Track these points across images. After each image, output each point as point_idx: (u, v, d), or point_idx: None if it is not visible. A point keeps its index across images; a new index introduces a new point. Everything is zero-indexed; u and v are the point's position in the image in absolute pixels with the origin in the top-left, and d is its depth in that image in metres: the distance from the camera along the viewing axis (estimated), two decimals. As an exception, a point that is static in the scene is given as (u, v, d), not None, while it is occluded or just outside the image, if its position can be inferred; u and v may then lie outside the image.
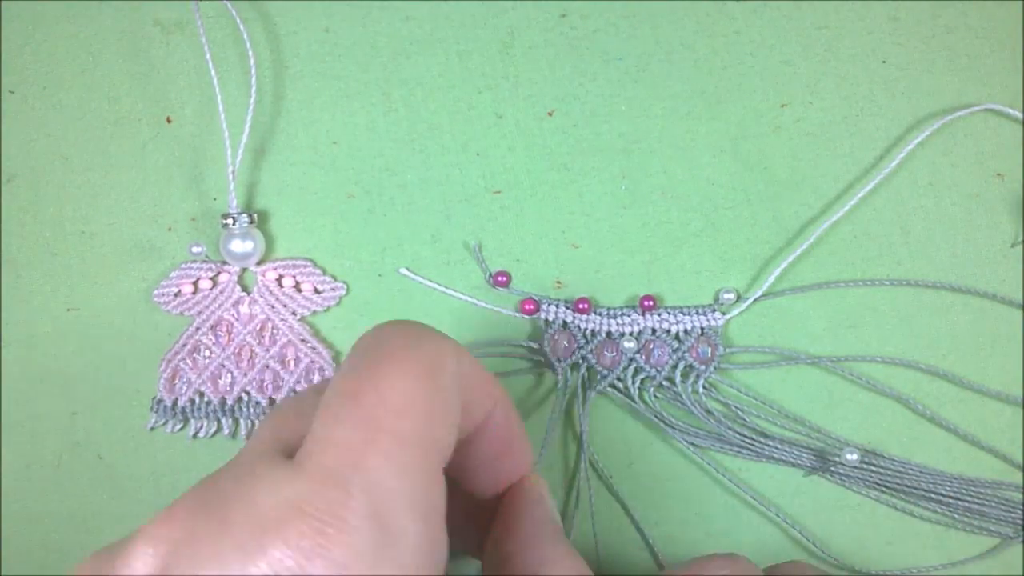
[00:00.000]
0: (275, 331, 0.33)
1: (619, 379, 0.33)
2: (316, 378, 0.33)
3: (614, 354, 0.33)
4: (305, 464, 0.21)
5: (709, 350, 0.33)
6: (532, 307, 0.33)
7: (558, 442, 0.33)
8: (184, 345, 0.33)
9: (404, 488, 0.21)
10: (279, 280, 0.34)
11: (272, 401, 0.33)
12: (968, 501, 0.32)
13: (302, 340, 0.33)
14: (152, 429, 0.33)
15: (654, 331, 0.33)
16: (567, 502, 0.33)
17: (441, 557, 0.21)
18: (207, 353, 0.33)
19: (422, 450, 0.22)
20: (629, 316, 0.33)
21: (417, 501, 0.21)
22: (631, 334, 0.33)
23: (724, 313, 0.33)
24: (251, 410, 0.33)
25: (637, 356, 0.33)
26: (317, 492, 0.20)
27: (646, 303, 0.33)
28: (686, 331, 0.33)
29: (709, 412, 0.32)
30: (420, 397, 0.22)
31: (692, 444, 0.33)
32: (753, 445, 0.32)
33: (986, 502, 0.32)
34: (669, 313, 0.33)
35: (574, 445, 0.33)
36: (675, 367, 0.33)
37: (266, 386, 0.33)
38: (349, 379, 0.22)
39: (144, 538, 0.21)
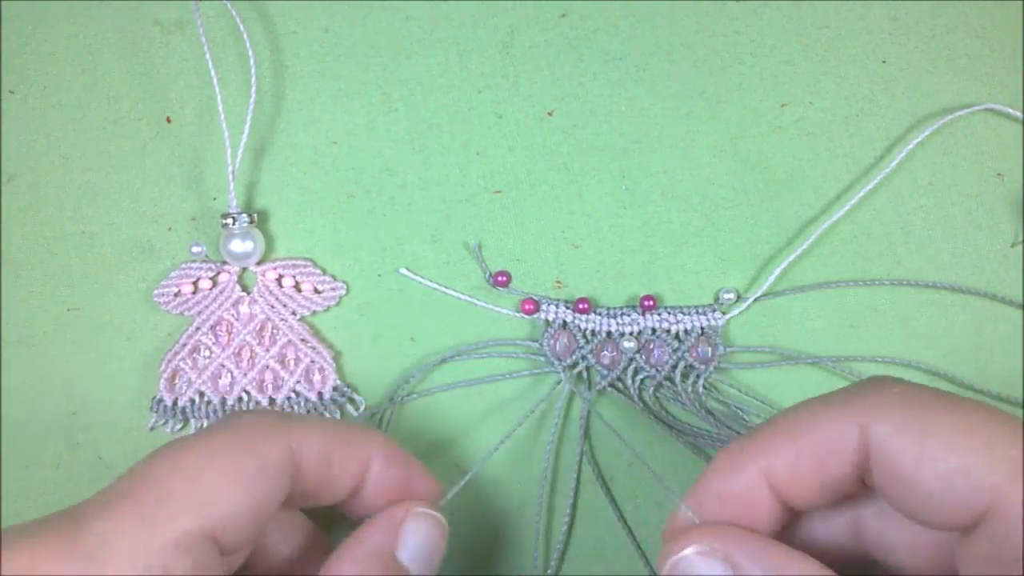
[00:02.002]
0: (275, 331, 0.33)
1: (619, 379, 0.33)
2: (316, 378, 0.33)
3: (614, 354, 0.33)
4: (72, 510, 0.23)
5: (709, 350, 0.33)
6: (532, 307, 0.33)
7: (558, 443, 0.33)
8: (184, 345, 0.33)
9: (144, 545, 0.22)
10: (279, 280, 0.34)
11: (272, 401, 0.33)
12: (968, 501, 0.32)
13: (302, 340, 0.33)
14: (152, 429, 0.33)
15: (654, 331, 0.33)
16: (570, 503, 0.33)
17: None
18: (207, 353, 0.33)
19: (185, 517, 0.22)
20: (629, 316, 0.33)
21: (149, 561, 0.22)
22: (631, 334, 0.33)
23: (724, 313, 0.33)
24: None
25: (637, 356, 0.33)
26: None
27: (646, 303, 0.33)
28: (686, 331, 0.33)
29: (709, 412, 0.32)
30: (211, 477, 0.23)
31: (692, 444, 0.33)
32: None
33: (986, 502, 0.32)
34: (669, 313, 0.33)
35: (574, 445, 0.33)
36: (675, 367, 0.33)
37: (266, 386, 0.33)
38: (170, 445, 0.24)
39: None
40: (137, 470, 0.24)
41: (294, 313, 0.33)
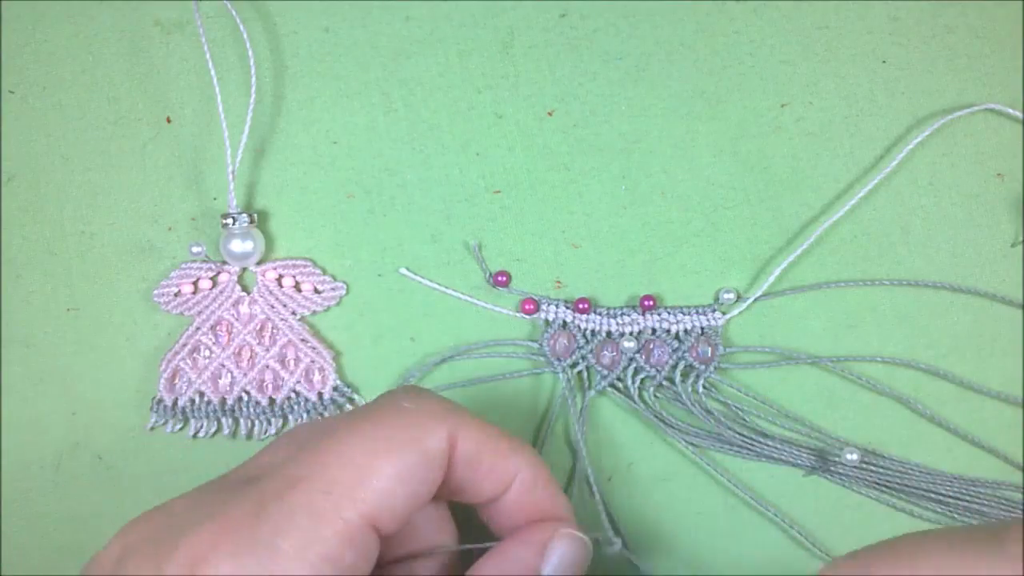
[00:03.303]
0: (275, 331, 0.33)
1: (619, 379, 0.33)
2: (316, 378, 0.33)
3: (614, 354, 0.33)
4: (246, 487, 0.24)
5: (709, 350, 0.33)
6: (532, 307, 0.33)
7: (558, 443, 0.33)
8: (184, 345, 0.33)
9: (313, 535, 0.23)
10: (279, 280, 0.34)
11: (272, 401, 0.33)
12: (968, 501, 0.32)
13: (302, 340, 0.33)
14: (152, 429, 0.33)
15: (654, 331, 0.33)
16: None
17: None
18: (207, 353, 0.33)
19: (352, 508, 0.23)
20: (629, 316, 0.33)
21: (319, 551, 0.22)
22: (631, 334, 0.33)
23: (724, 313, 0.33)
24: (251, 410, 0.33)
25: (637, 356, 0.33)
26: (235, 507, 0.23)
27: (646, 303, 0.33)
28: (686, 331, 0.33)
29: (709, 412, 0.32)
30: (378, 465, 0.24)
31: (692, 444, 0.33)
32: (753, 445, 0.32)
33: (986, 502, 0.32)
34: (669, 313, 0.33)
35: (573, 446, 0.33)
36: (675, 367, 0.33)
37: (266, 386, 0.33)
38: (335, 422, 0.25)
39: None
40: (305, 456, 0.24)
41: (294, 313, 0.33)
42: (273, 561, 0.22)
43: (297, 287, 0.33)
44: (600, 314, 0.33)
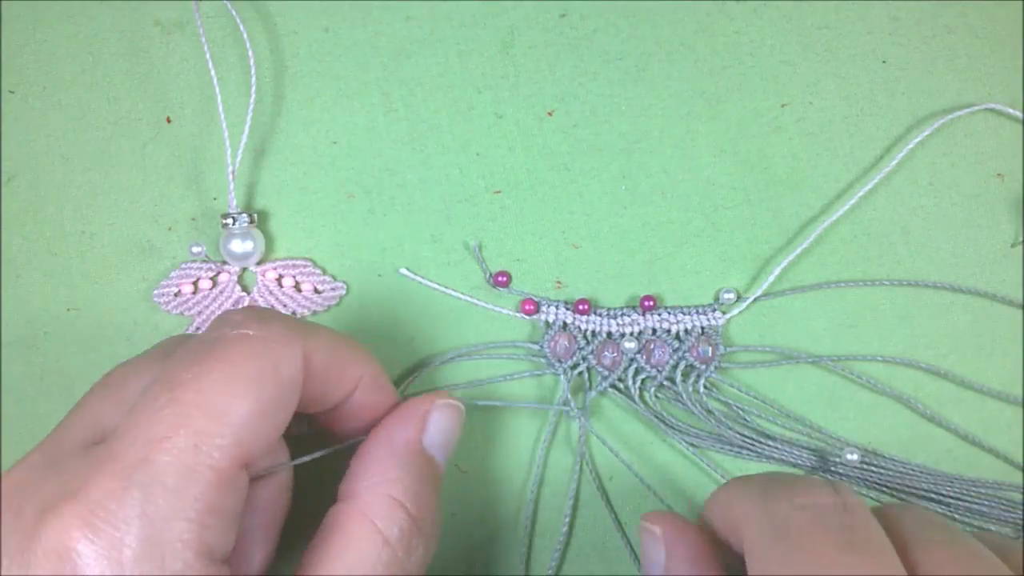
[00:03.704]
0: (275, 331, 0.33)
1: (620, 380, 0.33)
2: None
3: (614, 355, 0.33)
4: (99, 453, 0.22)
5: (710, 350, 0.33)
6: (532, 307, 0.33)
7: (559, 444, 0.33)
8: (184, 345, 0.33)
9: (188, 494, 0.21)
10: (279, 280, 0.34)
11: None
12: (968, 501, 0.32)
13: (302, 340, 0.33)
14: (152, 429, 0.33)
15: (654, 331, 0.33)
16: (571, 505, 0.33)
17: (219, 549, 0.22)
18: (207, 353, 0.33)
19: (226, 458, 0.22)
20: (629, 316, 0.33)
21: (201, 507, 0.21)
22: (631, 334, 0.33)
23: (724, 313, 0.33)
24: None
25: (638, 356, 0.33)
26: (95, 483, 0.21)
27: (646, 303, 0.33)
28: (686, 331, 0.33)
29: (710, 412, 0.32)
30: (243, 404, 0.23)
31: (692, 444, 0.33)
32: (753, 445, 0.32)
33: (986, 502, 0.32)
34: (669, 313, 0.33)
35: (573, 447, 0.33)
36: (676, 367, 0.33)
37: (266, 386, 0.33)
38: (179, 367, 0.23)
39: None
40: (161, 407, 0.22)
41: (294, 313, 0.33)
42: (151, 534, 0.21)
43: (297, 287, 0.33)
44: (600, 315, 0.33)
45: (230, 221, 0.33)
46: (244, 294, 0.33)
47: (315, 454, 0.27)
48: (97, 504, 0.21)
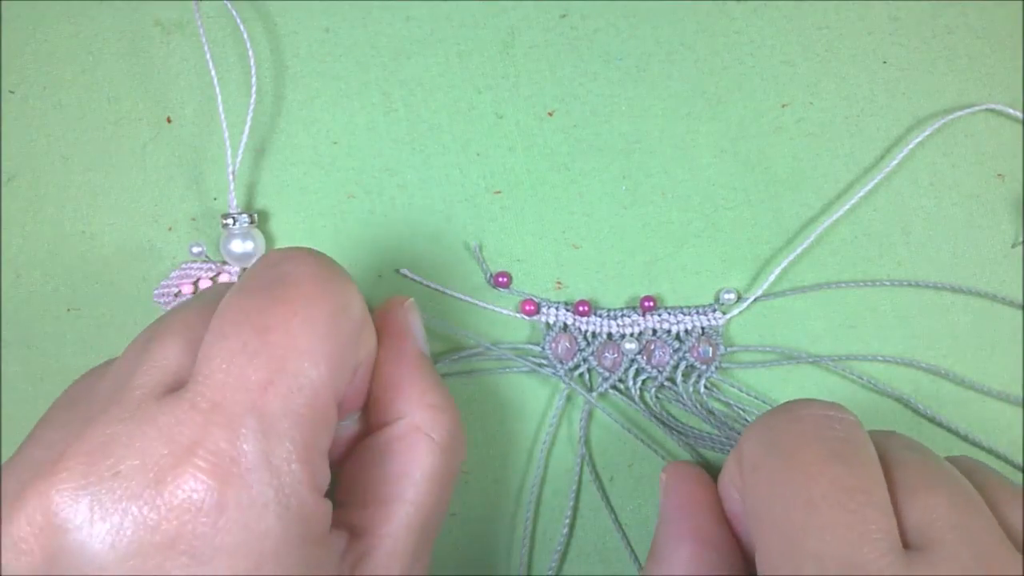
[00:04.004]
0: (275, 331, 0.33)
1: (620, 381, 0.33)
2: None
3: (615, 355, 0.33)
4: (198, 403, 0.21)
5: (710, 350, 0.33)
6: (532, 308, 0.33)
7: (560, 444, 0.33)
8: (184, 345, 0.33)
9: (297, 436, 0.21)
10: (279, 280, 0.33)
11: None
12: (968, 501, 0.32)
13: (302, 340, 0.33)
14: (152, 429, 0.33)
15: (655, 332, 0.33)
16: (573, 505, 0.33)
17: (323, 484, 0.22)
18: (207, 353, 0.33)
19: (321, 397, 0.22)
20: (630, 317, 0.33)
21: (308, 446, 0.22)
22: (632, 335, 0.33)
23: (725, 313, 0.33)
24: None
25: (638, 357, 0.33)
26: (211, 436, 0.21)
27: (646, 304, 0.33)
28: (687, 331, 0.33)
29: (711, 412, 0.32)
30: (328, 343, 0.23)
31: (692, 445, 0.33)
32: (753, 445, 0.32)
33: (986, 502, 0.32)
34: (670, 313, 0.33)
35: (574, 447, 0.33)
36: (676, 367, 0.33)
37: (266, 386, 0.33)
38: (256, 309, 0.22)
39: (35, 494, 0.21)
40: (253, 339, 0.22)
41: (294, 313, 0.33)
42: (277, 480, 0.21)
43: (297, 287, 0.33)
44: (601, 316, 0.33)
45: (230, 221, 0.33)
46: (244, 294, 0.33)
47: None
48: (219, 456, 0.20)
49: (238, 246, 0.33)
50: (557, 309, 0.33)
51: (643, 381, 0.33)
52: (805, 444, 0.23)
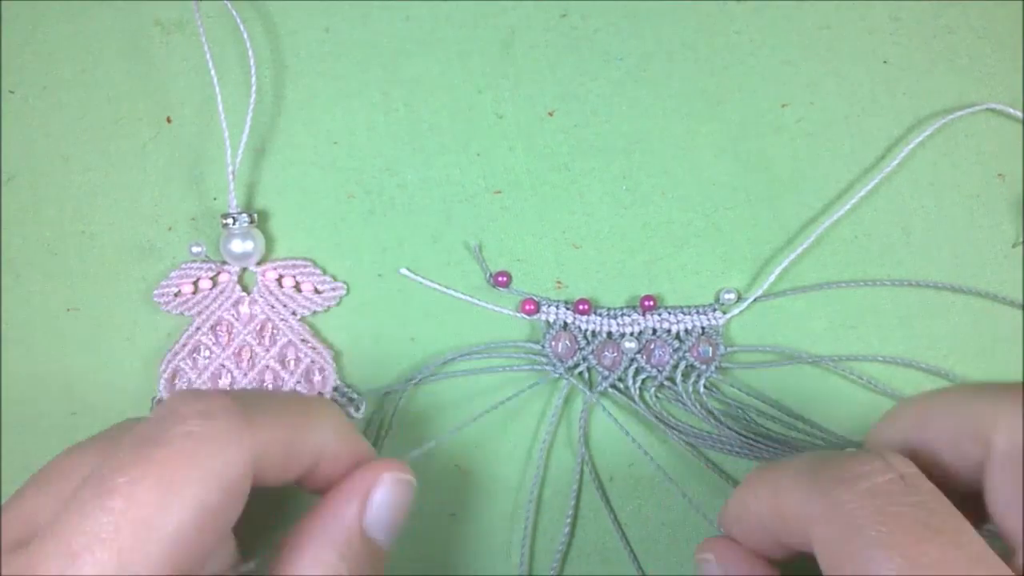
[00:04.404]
0: (275, 331, 0.33)
1: (620, 380, 0.33)
2: (316, 378, 0.33)
3: (615, 355, 0.33)
4: (22, 562, 0.21)
5: (710, 349, 0.33)
6: (532, 308, 0.33)
7: (560, 444, 0.33)
8: (184, 345, 0.33)
9: None
10: (279, 280, 0.34)
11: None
12: (968, 501, 0.32)
13: (302, 340, 0.33)
14: (152, 429, 0.33)
15: (655, 331, 0.33)
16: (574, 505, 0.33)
17: None
18: (207, 353, 0.33)
19: (148, 569, 0.21)
20: (630, 316, 0.33)
21: None
22: (632, 334, 0.33)
23: (725, 313, 0.33)
24: (251, 410, 0.33)
25: (638, 356, 0.33)
26: None
27: (646, 303, 0.33)
28: (687, 331, 0.33)
29: (710, 412, 0.32)
30: (175, 515, 0.21)
31: (692, 445, 0.33)
32: (753, 445, 0.32)
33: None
34: (670, 313, 0.33)
35: (574, 447, 0.33)
36: (676, 367, 0.33)
37: (266, 386, 0.33)
38: (113, 468, 0.22)
39: None
40: (90, 511, 0.21)
41: (294, 313, 0.33)
42: None
43: (297, 287, 0.33)
44: (601, 315, 0.33)
45: (230, 221, 0.33)
46: (244, 294, 0.33)
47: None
48: None
49: (238, 246, 0.33)
50: (557, 307, 0.33)
51: (643, 380, 0.33)
52: (889, 524, 0.22)
